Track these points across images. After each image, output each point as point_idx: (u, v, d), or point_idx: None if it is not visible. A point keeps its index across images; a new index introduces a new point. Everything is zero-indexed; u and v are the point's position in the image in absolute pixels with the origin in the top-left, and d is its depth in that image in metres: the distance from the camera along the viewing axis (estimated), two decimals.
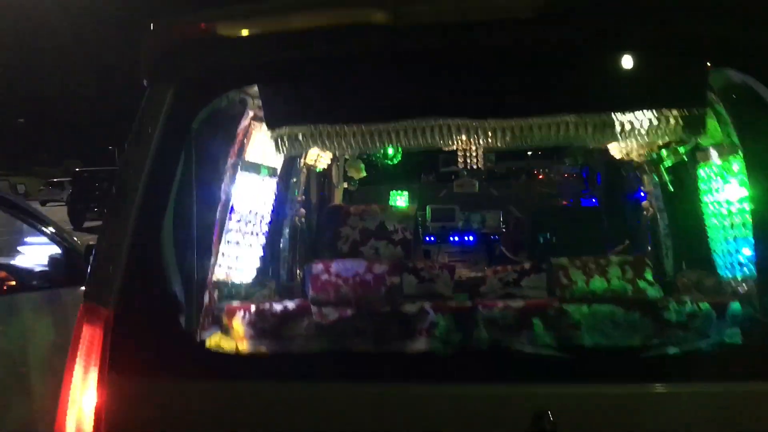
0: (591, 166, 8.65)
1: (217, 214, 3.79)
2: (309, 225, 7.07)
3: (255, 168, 3.98)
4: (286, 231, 6.55)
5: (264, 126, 3.92)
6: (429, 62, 3.51)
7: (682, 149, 4.29)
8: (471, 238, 8.91)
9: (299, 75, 3.46)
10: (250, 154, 4.01)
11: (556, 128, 3.71)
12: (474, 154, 6.83)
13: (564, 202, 8.92)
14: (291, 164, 6.27)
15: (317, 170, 7.04)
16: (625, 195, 7.27)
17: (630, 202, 7.07)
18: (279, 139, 3.79)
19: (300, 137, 3.80)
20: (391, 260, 4.35)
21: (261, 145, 4.11)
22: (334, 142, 3.82)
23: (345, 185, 8.63)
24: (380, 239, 5.33)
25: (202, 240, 3.64)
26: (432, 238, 9.00)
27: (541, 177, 9.89)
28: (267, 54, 3.32)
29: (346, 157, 8.49)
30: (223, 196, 3.80)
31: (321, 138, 3.79)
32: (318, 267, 4.34)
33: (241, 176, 3.96)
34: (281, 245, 6.52)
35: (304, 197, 6.78)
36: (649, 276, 4.08)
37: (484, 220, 9.10)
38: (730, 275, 4.00)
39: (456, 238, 8.92)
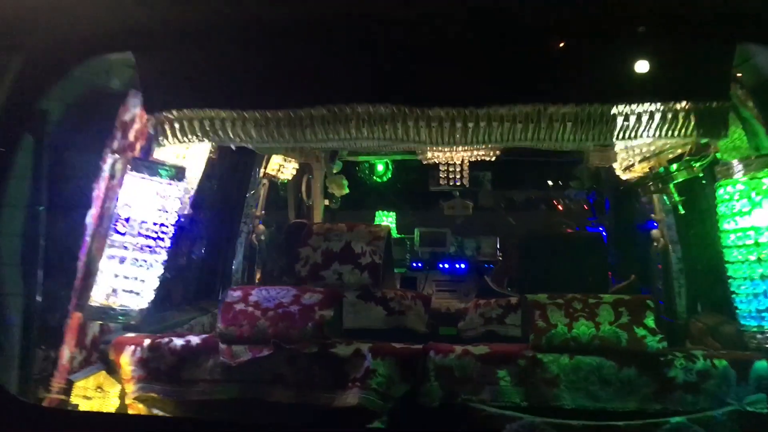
0: (598, 189, 7.73)
1: (90, 222, 2.94)
2: (272, 243, 6.24)
3: (151, 169, 3.13)
4: (239, 250, 5.70)
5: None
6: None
7: (697, 163, 3.40)
8: (463, 266, 8.01)
9: (177, 45, 2.64)
10: (144, 151, 3.16)
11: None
12: (458, 169, 5.93)
13: (568, 230, 7.99)
14: (239, 171, 5.48)
15: (282, 182, 6.20)
16: (634, 222, 6.47)
17: (640, 232, 6.22)
18: (159, 127, 2.93)
19: (178, 124, 2.91)
20: (328, 289, 3.47)
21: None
22: (228, 131, 2.92)
23: (326, 202, 7.78)
24: (345, 263, 4.54)
25: (62, 255, 2.80)
26: (419, 265, 8.13)
27: (548, 201, 9.01)
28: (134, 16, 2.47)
29: (332, 171, 7.81)
30: (98, 201, 2.95)
31: (210, 126, 2.90)
32: (234, 294, 3.48)
33: (132, 178, 3.10)
34: (234, 266, 5.68)
35: (264, 212, 5.91)
36: (650, 321, 3.18)
37: (479, 247, 8.20)
38: (755, 324, 3.08)
39: (446, 266, 8.02)
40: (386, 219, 8.50)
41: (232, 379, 3.28)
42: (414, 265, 8.16)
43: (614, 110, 2.81)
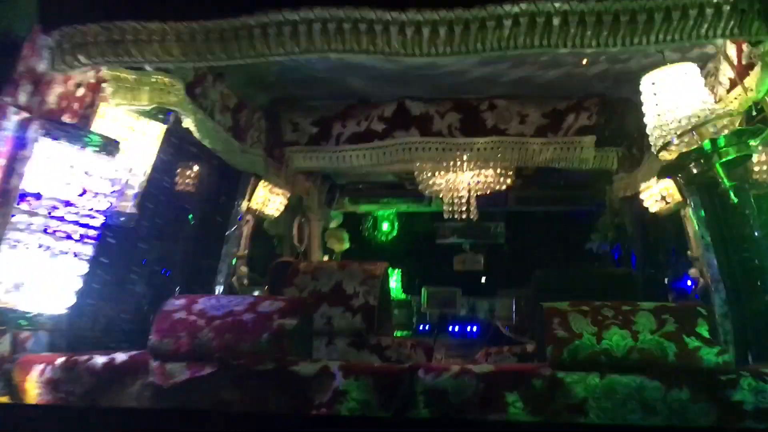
0: (623, 243, 7.00)
1: None
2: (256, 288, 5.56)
3: (70, 135, 2.51)
4: (219, 291, 5.04)
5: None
6: None
7: (753, 138, 2.71)
8: (475, 329, 7.26)
9: None
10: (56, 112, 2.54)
11: None
12: (464, 200, 5.31)
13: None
14: (217, 201, 4.90)
15: (269, 220, 5.58)
16: (664, 278, 5.79)
17: (673, 289, 5.60)
18: (57, 49, 2.32)
19: (80, 40, 2.30)
20: (294, 297, 2.78)
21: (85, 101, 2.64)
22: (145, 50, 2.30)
23: (325, 258, 7.15)
24: (335, 305, 3.97)
25: None
26: (426, 327, 7.39)
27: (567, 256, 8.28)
28: None
29: (331, 225, 7.23)
30: None
31: (121, 43, 2.28)
32: (175, 303, 2.80)
33: (44, 145, 2.48)
34: None
35: (247, 252, 5.27)
36: (703, 330, 2.45)
37: (493, 309, 7.46)
38: None
39: (456, 329, 7.29)
40: (391, 278, 7.77)
41: (163, 405, 2.55)
42: (421, 328, 7.44)
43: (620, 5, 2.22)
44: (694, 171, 2.83)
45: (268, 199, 5.33)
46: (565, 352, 2.48)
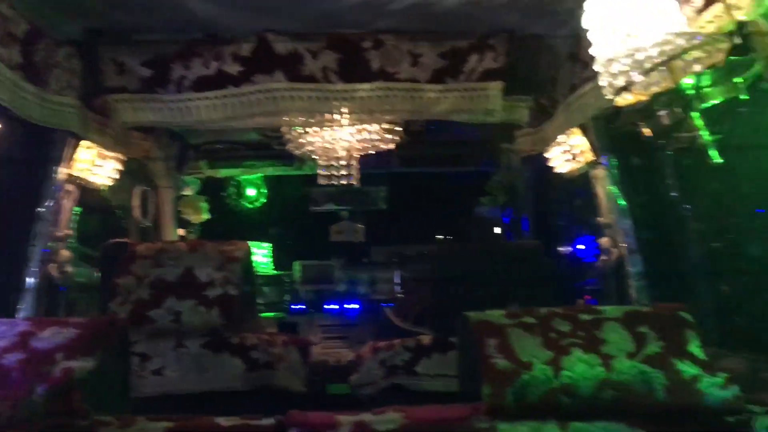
0: (515, 207, 6.46)
1: None
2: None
3: None
4: (31, 283, 4.00)
5: None
6: None
7: (739, 77, 2.00)
8: (356, 306, 6.59)
9: None
10: None
11: None
12: (344, 163, 4.47)
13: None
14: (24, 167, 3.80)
15: (98, 190, 4.46)
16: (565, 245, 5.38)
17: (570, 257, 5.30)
18: None
19: None
20: (96, 319, 1.82)
21: None
22: None
23: (181, 232, 6.14)
24: (185, 297, 3.29)
25: None
26: (301, 307, 6.68)
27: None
28: None
29: (185, 192, 6.18)
30: None
31: None
32: None
33: None
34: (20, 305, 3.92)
35: (71, 231, 4.19)
36: (696, 348, 1.71)
37: (374, 282, 6.77)
38: None
39: (335, 307, 6.58)
40: (259, 252, 6.86)
41: None
42: (294, 307, 6.66)
43: None
44: (666, 121, 2.09)
45: (94, 164, 4.20)
46: (509, 393, 1.66)
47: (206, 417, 1.81)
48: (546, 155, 4.49)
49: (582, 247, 5.45)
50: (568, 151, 4.26)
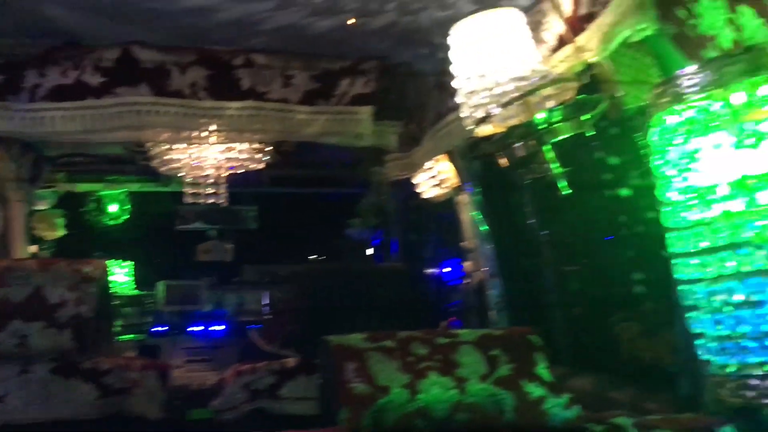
0: (386, 229, 6.56)
1: None
2: None
3: None
4: None
5: None
6: None
7: (585, 114, 2.13)
8: (222, 327, 6.39)
9: None
10: None
11: None
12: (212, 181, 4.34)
13: None
14: None
15: None
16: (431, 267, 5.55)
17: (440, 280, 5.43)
18: None
19: None
20: None
21: None
22: None
23: (33, 249, 5.75)
24: (32, 319, 3.13)
25: None
26: (164, 328, 6.36)
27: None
28: None
29: (38, 207, 5.81)
30: None
31: None
32: None
33: None
34: None
35: None
36: (543, 371, 1.80)
37: (242, 303, 6.60)
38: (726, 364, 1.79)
39: (200, 328, 6.35)
40: (120, 271, 6.54)
41: None
42: (155, 329, 6.37)
43: None
44: (521, 152, 2.19)
45: None
46: (366, 417, 1.67)
47: None
48: (414, 180, 4.59)
49: (448, 269, 5.61)
50: (435, 177, 4.39)
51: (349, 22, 3.22)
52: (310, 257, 7.46)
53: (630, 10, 1.93)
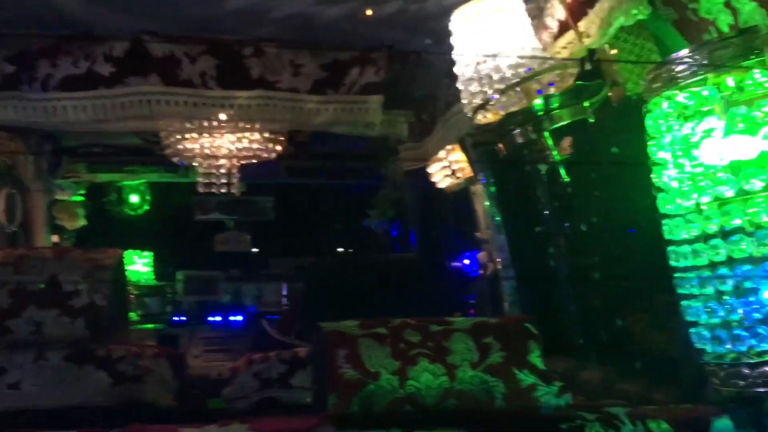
0: (403, 220, 6.54)
1: None
2: None
3: None
4: None
5: None
6: None
7: (587, 101, 2.10)
8: (240, 318, 6.44)
9: None
10: None
11: None
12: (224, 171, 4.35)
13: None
14: None
15: None
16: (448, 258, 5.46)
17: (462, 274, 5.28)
18: None
19: None
20: None
21: None
22: None
23: (54, 239, 5.86)
24: (47, 307, 3.16)
25: None
26: (183, 318, 6.44)
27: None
28: None
29: (60, 196, 5.89)
30: None
31: None
32: None
33: None
34: None
35: None
36: (536, 359, 1.79)
37: (261, 295, 6.66)
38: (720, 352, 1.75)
39: (218, 319, 6.41)
40: (140, 261, 6.61)
41: None
42: (175, 319, 6.42)
43: None
44: (519, 140, 2.17)
45: None
46: (354, 402, 1.67)
47: None
48: (428, 170, 4.57)
49: (468, 261, 5.57)
50: (448, 167, 4.36)
51: (368, 12, 3.21)
52: (338, 249, 7.46)
53: None
